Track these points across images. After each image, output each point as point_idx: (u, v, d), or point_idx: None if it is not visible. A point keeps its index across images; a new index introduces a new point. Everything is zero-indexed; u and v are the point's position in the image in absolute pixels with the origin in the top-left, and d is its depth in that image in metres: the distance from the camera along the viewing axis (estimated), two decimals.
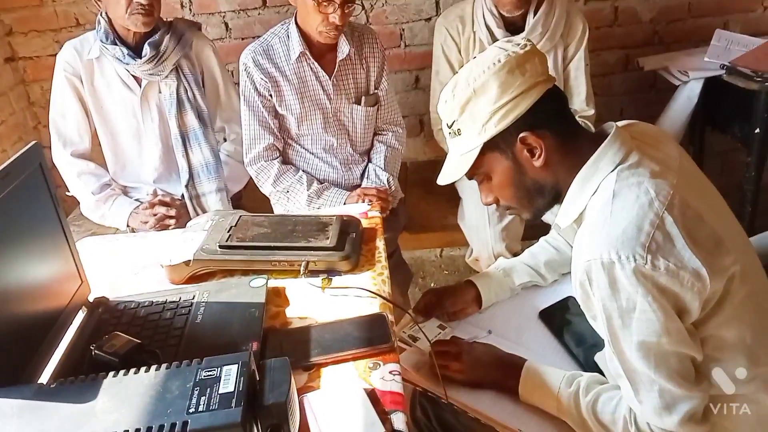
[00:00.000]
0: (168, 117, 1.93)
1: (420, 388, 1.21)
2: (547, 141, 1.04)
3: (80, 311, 1.09)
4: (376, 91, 1.98)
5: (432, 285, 2.74)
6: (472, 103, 1.04)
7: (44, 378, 0.94)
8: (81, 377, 0.72)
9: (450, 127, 1.09)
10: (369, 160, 2.06)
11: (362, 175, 2.05)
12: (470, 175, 1.11)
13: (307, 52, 1.83)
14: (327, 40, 1.78)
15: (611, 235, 0.95)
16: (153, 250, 1.36)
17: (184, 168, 1.98)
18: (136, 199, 2.01)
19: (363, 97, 1.95)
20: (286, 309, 1.12)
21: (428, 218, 2.25)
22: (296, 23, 1.83)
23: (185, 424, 0.63)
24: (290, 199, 1.97)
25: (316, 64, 1.85)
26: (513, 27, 1.93)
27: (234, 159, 2.08)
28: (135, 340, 0.95)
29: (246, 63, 1.86)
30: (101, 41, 1.83)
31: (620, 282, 0.94)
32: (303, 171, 1.98)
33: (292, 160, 2.01)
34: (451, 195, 2.22)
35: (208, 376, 0.69)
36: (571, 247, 1.40)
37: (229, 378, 0.68)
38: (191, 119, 1.95)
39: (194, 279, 1.22)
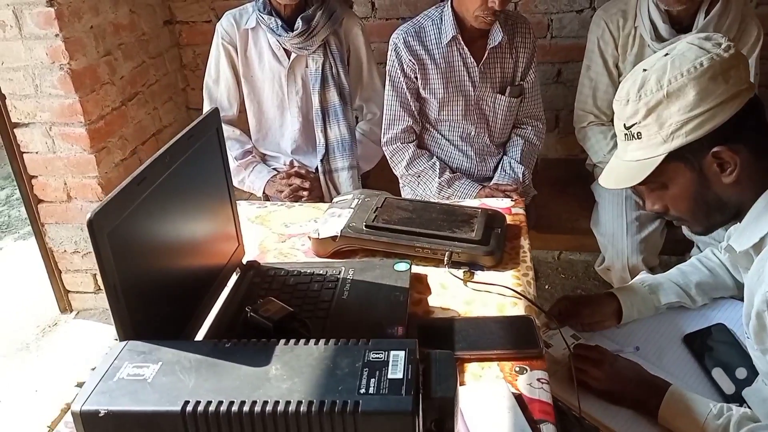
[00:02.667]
0: (311, 91, 1.98)
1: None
2: (743, 156, 0.96)
3: (234, 273, 1.14)
4: (521, 82, 1.92)
5: (547, 287, 2.66)
6: (662, 108, 0.97)
7: (202, 332, 0.99)
8: (252, 341, 0.75)
9: (628, 129, 1.02)
10: (504, 153, 2.02)
11: (495, 167, 2.02)
12: (643, 182, 1.04)
13: (459, 37, 1.81)
14: (482, 26, 1.74)
15: None
16: (298, 221, 1.40)
17: (321, 143, 2.02)
18: (274, 168, 2.09)
19: (508, 88, 1.90)
20: (428, 297, 1.11)
21: (557, 219, 2.17)
22: (452, 6, 1.81)
23: (357, 404, 0.64)
24: (420, 184, 1.97)
25: (466, 49, 1.83)
26: (680, 26, 1.80)
27: (368, 138, 2.10)
28: (288, 307, 0.97)
29: (396, 43, 1.86)
30: (258, 11, 1.89)
31: None
32: (437, 158, 1.97)
33: (427, 145, 2.01)
34: (584, 197, 2.14)
35: (376, 358, 0.69)
36: (728, 270, 1.31)
37: (397, 364, 0.68)
38: (333, 96, 1.98)
39: (337, 254, 1.25)
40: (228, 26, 1.97)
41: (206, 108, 2.09)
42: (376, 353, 0.70)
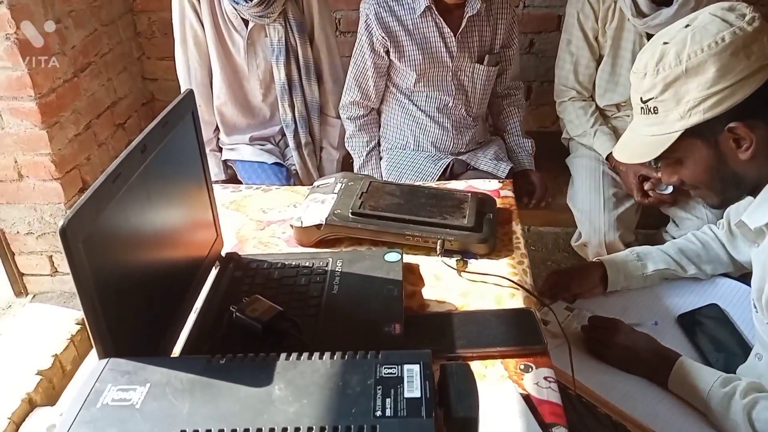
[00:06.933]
0: (275, 64, 1.89)
1: None
2: (759, 133, 0.93)
3: (214, 266, 1.07)
4: (501, 50, 1.88)
5: None
6: (680, 83, 0.93)
7: (184, 333, 0.92)
8: (250, 356, 0.68)
9: (644, 102, 0.99)
10: (503, 129, 2.05)
11: (470, 140, 1.98)
12: (658, 158, 1.02)
13: (433, 7, 1.73)
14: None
15: None
16: (277, 206, 1.33)
17: (289, 116, 1.95)
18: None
19: (486, 56, 1.85)
20: (422, 290, 1.06)
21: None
22: None
23: (374, 429, 0.58)
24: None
25: (441, 19, 1.76)
26: (660, 0, 1.76)
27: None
28: (277, 306, 0.91)
29: (368, 14, 1.78)
30: None
31: None
32: (416, 135, 1.93)
33: (402, 122, 1.95)
34: (558, 171, 2.11)
35: (389, 374, 0.64)
36: (723, 245, 1.30)
37: (412, 380, 0.63)
38: (295, 68, 1.91)
39: (321, 243, 1.18)
40: None
41: (182, 80, 1.98)
42: (389, 368, 0.65)
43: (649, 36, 1.78)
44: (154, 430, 0.59)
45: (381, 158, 2.01)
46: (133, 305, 0.77)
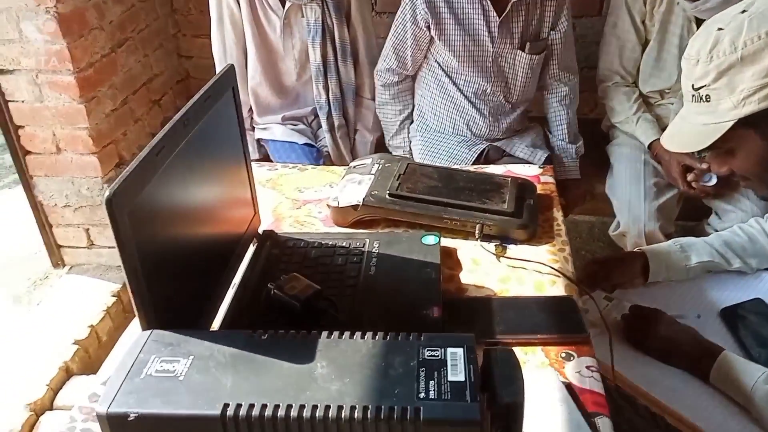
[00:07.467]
0: (311, 45, 1.87)
1: None
2: None
3: (251, 243, 1.07)
4: (551, 32, 1.81)
5: None
6: (735, 71, 0.90)
7: (222, 307, 0.92)
8: (291, 332, 0.68)
9: (696, 90, 0.96)
10: (550, 131, 1.98)
11: (507, 128, 1.93)
12: (709, 147, 0.99)
13: None
14: None
15: None
16: (313, 185, 1.32)
17: (323, 98, 1.94)
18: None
19: (528, 43, 1.80)
20: (460, 274, 1.04)
21: (572, 182, 2.09)
22: None
23: (417, 411, 0.57)
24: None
25: (487, 0, 1.71)
26: None
27: None
28: (315, 285, 0.90)
29: None
30: None
31: None
32: (452, 116, 1.90)
33: (439, 103, 1.91)
34: (598, 159, 2.06)
35: (432, 356, 0.63)
36: None
37: (456, 363, 0.62)
38: (330, 50, 1.89)
39: (357, 224, 1.17)
40: None
41: (218, 58, 1.98)
42: (432, 350, 0.63)
43: (698, 21, 1.72)
44: (198, 402, 0.59)
45: (412, 138, 1.99)
46: (175, 278, 0.77)
